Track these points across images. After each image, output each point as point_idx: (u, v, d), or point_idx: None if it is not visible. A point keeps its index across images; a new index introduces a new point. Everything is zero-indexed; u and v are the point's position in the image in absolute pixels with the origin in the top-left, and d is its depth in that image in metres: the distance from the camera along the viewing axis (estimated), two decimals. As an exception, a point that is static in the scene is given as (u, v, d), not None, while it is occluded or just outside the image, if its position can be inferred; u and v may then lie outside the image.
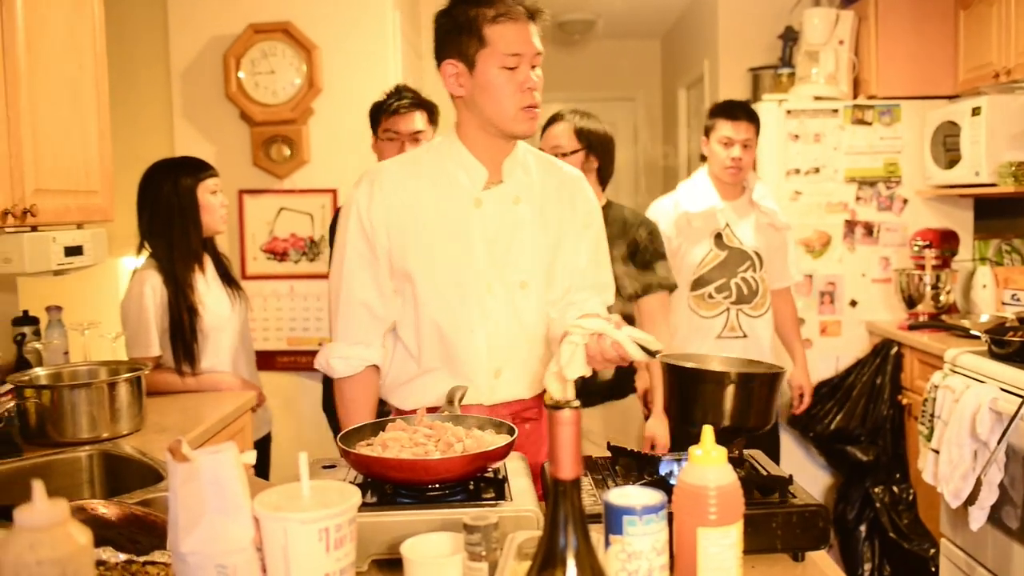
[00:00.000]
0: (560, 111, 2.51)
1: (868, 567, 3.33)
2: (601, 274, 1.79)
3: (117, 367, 2.18)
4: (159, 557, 1.02)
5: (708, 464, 0.99)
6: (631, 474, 1.42)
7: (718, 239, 2.87)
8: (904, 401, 3.36)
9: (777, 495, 1.30)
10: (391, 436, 1.33)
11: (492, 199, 1.66)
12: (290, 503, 0.91)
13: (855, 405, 3.41)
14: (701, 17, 4.77)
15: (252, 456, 0.94)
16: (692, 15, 5.03)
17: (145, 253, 2.49)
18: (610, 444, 1.54)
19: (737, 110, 2.87)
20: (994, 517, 2.54)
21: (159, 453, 1.80)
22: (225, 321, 2.52)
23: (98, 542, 0.95)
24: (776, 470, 1.40)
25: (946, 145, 3.43)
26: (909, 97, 3.63)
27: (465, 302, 1.65)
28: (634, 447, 1.55)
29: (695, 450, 1.00)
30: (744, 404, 1.39)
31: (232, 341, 2.56)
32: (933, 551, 3.11)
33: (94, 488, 1.88)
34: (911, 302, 3.43)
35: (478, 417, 1.44)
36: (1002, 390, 2.51)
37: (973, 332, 3.06)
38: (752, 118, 2.87)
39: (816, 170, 3.67)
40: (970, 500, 2.56)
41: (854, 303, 3.69)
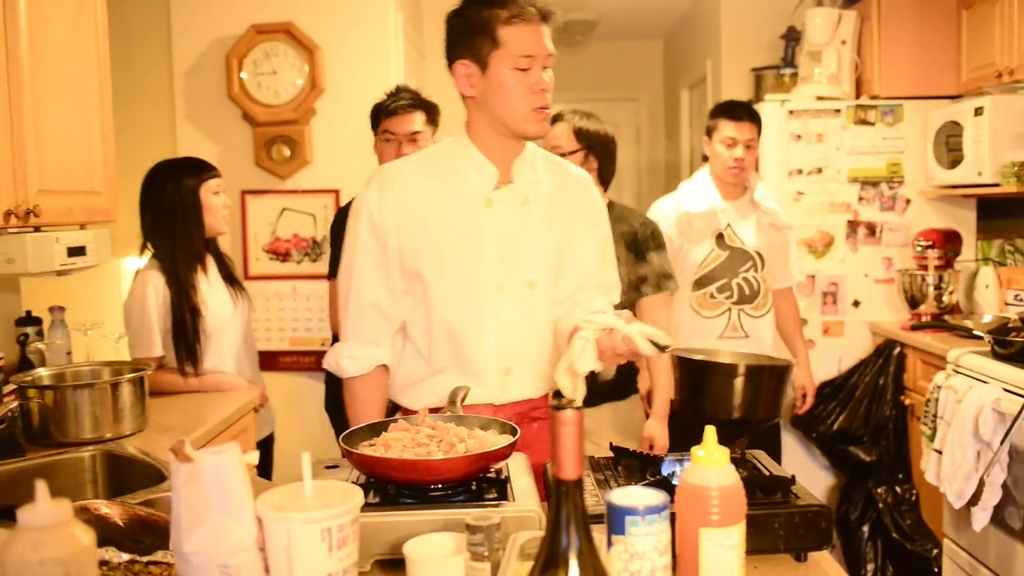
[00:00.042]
0: (560, 111, 2.51)
1: (871, 568, 3.33)
2: (607, 274, 1.80)
3: (120, 367, 2.18)
4: (162, 557, 1.02)
5: (710, 464, 0.98)
6: (633, 474, 1.43)
7: (719, 239, 2.87)
8: (907, 401, 3.35)
9: (780, 495, 1.30)
10: (393, 436, 1.33)
11: (502, 199, 1.67)
12: (293, 503, 0.91)
13: (858, 405, 3.41)
14: (703, 17, 4.76)
15: (255, 456, 0.94)
16: (694, 15, 5.03)
17: (148, 253, 2.49)
18: (612, 444, 1.54)
19: (739, 110, 2.87)
20: (997, 518, 2.54)
21: (162, 453, 1.80)
22: (228, 321, 2.52)
23: (101, 542, 0.95)
24: (779, 470, 1.40)
25: (949, 145, 3.43)
26: (912, 97, 3.62)
27: (476, 302, 1.65)
28: (636, 447, 1.55)
29: (697, 450, 1.00)
30: (753, 396, 1.40)
31: (235, 341, 2.56)
32: (936, 552, 3.11)
33: (97, 488, 1.88)
34: (914, 302, 3.43)
35: (480, 417, 1.45)
36: (1005, 390, 2.51)
37: (976, 332, 3.05)
38: (754, 118, 2.87)
39: (819, 170, 3.67)
40: (973, 501, 2.56)
41: (857, 303, 3.69)
